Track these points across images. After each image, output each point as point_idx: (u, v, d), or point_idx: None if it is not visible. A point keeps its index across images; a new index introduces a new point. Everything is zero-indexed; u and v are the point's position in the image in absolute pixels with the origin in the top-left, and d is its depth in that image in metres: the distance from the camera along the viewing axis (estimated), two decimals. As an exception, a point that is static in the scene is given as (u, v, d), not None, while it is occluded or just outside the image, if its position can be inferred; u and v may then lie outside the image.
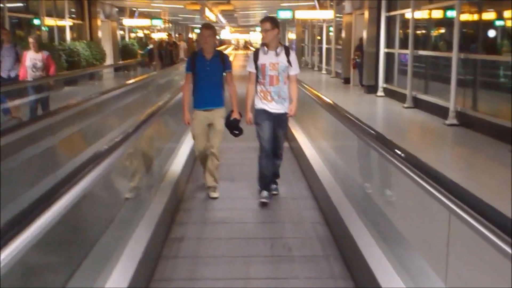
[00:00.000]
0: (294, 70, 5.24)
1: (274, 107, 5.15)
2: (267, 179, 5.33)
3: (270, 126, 5.18)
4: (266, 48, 5.13)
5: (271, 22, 5.10)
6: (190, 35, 47.91)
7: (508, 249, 1.79)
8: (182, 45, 19.17)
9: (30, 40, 9.73)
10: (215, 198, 5.45)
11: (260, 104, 5.21)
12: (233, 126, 5.44)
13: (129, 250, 3.40)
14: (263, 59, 5.13)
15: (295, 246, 4.15)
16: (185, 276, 3.66)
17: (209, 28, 5.37)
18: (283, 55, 5.13)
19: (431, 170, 2.62)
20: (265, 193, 5.28)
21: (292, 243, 4.22)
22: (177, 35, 25.41)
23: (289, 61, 5.14)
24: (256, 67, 5.16)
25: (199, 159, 5.73)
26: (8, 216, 1.96)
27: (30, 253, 2.01)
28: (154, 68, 16.89)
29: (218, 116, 5.40)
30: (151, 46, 18.69)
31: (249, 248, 4.14)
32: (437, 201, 2.40)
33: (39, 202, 2.15)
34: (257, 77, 5.19)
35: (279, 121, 5.24)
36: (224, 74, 5.48)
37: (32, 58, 9.60)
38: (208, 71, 5.30)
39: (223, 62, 5.40)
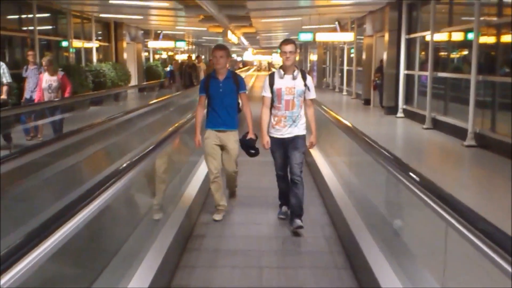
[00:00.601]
0: (312, 94, 5.14)
1: (287, 132, 5.04)
2: (285, 194, 5.37)
3: (282, 153, 5.13)
4: (282, 72, 5.03)
5: (294, 44, 5.02)
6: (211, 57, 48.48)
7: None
8: (202, 67, 19.22)
9: (43, 63, 9.75)
10: (234, 197, 5.93)
11: (272, 132, 5.11)
12: (249, 146, 5.45)
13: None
14: (279, 83, 5.02)
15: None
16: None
17: (221, 49, 5.28)
18: (299, 79, 5.02)
19: (445, 195, 2.60)
20: (283, 208, 5.45)
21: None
22: (197, 56, 25.47)
23: (306, 85, 5.03)
24: (272, 92, 5.04)
25: (213, 181, 5.41)
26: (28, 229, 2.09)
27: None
28: (176, 89, 16.98)
29: (231, 140, 5.36)
30: (171, 67, 18.90)
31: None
32: (451, 227, 2.41)
33: (55, 218, 2.24)
34: (272, 101, 5.08)
35: (294, 143, 5.04)
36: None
37: (47, 79, 9.59)
38: (221, 93, 5.28)
39: (236, 83, 5.36)
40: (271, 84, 5.05)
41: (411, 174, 3.12)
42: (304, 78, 5.05)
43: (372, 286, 3.42)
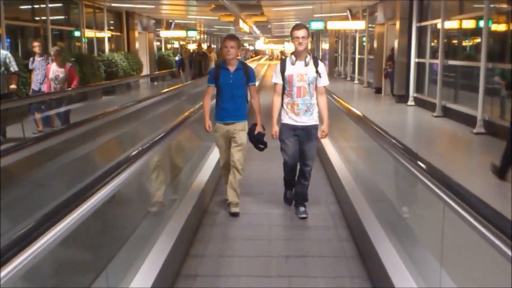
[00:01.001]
0: (324, 82, 4.99)
1: (301, 120, 4.94)
2: (290, 182, 5.35)
3: (295, 142, 5.01)
4: (294, 58, 4.91)
5: (307, 29, 4.88)
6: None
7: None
8: (213, 56, 19.05)
9: (51, 52, 9.59)
10: (236, 214, 5.23)
11: (286, 119, 5.00)
12: (257, 140, 5.34)
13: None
14: (290, 69, 4.91)
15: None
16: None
17: (232, 39, 5.16)
18: (311, 66, 4.90)
19: (453, 183, 2.62)
20: (289, 193, 5.44)
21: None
22: (208, 46, 24.98)
23: (317, 72, 4.90)
24: (283, 78, 4.93)
25: (223, 169, 5.54)
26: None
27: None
28: (185, 78, 16.81)
29: (238, 129, 5.22)
30: (180, 56, 18.92)
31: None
32: (458, 216, 2.43)
33: (66, 203, 2.27)
34: (283, 88, 4.98)
35: (308, 134, 4.98)
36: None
37: (55, 70, 9.46)
38: (231, 84, 5.15)
39: (247, 74, 5.22)
40: (283, 70, 4.95)
41: (419, 163, 3.13)
42: (316, 65, 4.92)
43: (371, 254, 3.80)
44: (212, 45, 28.69)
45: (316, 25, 20.95)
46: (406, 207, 4.07)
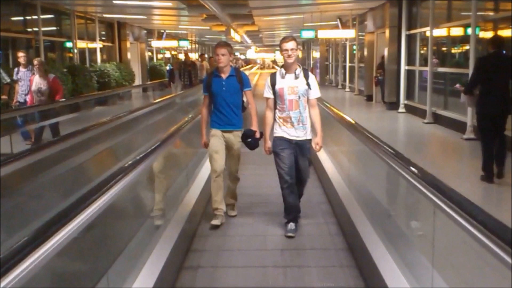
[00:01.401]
0: (315, 94, 4.91)
1: (294, 134, 4.85)
2: (294, 209, 5.01)
3: (290, 154, 4.86)
4: (284, 71, 4.83)
5: (295, 41, 4.80)
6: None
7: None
8: (205, 65, 18.66)
9: (34, 62, 9.18)
10: (233, 216, 5.44)
11: (279, 132, 4.90)
12: (248, 136, 5.24)
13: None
14: (280, 83, 4.83)
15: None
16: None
17: (222, 46, 5.10)
18: (302, 78, 4.82)
19: (445, 187, 2.68)
20: (290, 225, 4.96)
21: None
22: (200, 55, 24.35)
23: (308, 84, 4.82)
24: (274, 92, 4.86)
25: (214, 182, 5.17)
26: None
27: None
28: (175, 89, 16.52)
29: (236, 141, 5.22)
30: (170, 66, 18.66)
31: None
32: (452, 221, 2.47)
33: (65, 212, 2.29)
34: (275, 102, 4.91)
35: (301, 149, 4.90)
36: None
37: (37, 82, 9.07)
38: (224, 91, 5.11)
39: (240, 81, 5.18)
40: (273, 84, 4.86)
41: (411, 168, 3.20)
42: (307, 77, 4.84)
43: (359, 246, 4.13)
44: (205, 55, 28.63)
45: (306, 34, 21.13)
46: (416, 222, 3.98)
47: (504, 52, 6.97)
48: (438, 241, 2.94)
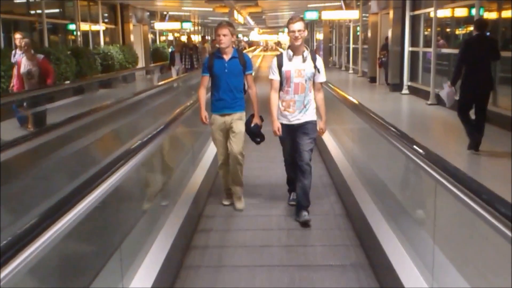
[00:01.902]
0: (321, 77, 4.80)
1: (296, 117, 4.74)
2: (294, 180, 5.08)
3: (291, 139, 4.84)
4: (291, 53, 4.69)
5: (303, 22, 4.65)
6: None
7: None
8: (207, 47, 18.22)
9: (22, 44, 8.57)
10: (240, 210, 5.15)
11: (281, 118, 4.82)
12: (254, 133, 5.11)
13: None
14: (287, 65, 4.69)
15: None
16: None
17: (223, 26, 4.91)
18: (309, 61, 4.70)
19: (450, 167, 2.72)
20: (293, 195, 5.20)
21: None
22: (201, 37, 23.49)
23: (315, 67, 4.71)
24: (280, 74, 4.72)
25: (222, 168, 5.30)
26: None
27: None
28: (176, 73, 16.09)
29: (236, 119, 5.03)
30: (173, 48, 17.95)
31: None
32: (457, 200, 2.50)
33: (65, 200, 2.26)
34: (280, 84, 4.78)
35: (304, 129, 4.75)
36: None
37: (26, 65, 8.49)
38: (226, 73, 4.94)
39: (243, 63, 5.01)
40: (280, 66, 4.72)
41: (415, 147, 3.26)
42: (314, 60, 4.72)
43: (364, 226, 4.24)
44: (207, 37, 28.48)
45: (310, 15, 21.05)
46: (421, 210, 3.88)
47: (488, 34, 7.55)
48: (441, 219, 3.02)
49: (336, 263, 3.97)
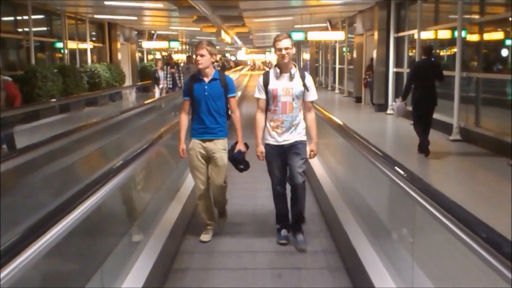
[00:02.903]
0: (312, 96, 4.55)
1: (285, 138, 4.49)
2: (284, 216, 4.77)
3: (281, 163, 4.57)
4: (278, 70, 4.45)
5: (290, 39, 4.43)
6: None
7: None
8: (192, 68, 17.55)
9: None
10: (223, 223, 5.01)
11: (269, 139, 4.55)
12: (237, 160, 4.78)
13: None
14: (274, 83, 4.46)
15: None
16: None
17: (201, 46, 4.61)
18: (297, 78, 4.47)
19: (431, 189, 2.75)
20: (283, 232, 4.72)
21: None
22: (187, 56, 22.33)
23: (304, 85, 4.48)
24: (267, 92, 4.48)
25: (201, 199, 4.86)
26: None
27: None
28: (160, 92, 15.52)
29: (218, 149, 4.68)
30: (154, 67, 17.03)
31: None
32: (436, 220, 2.50)
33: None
34: (267, 104, 4.53)
35: (294, 149, 4.49)
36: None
37: None
38: (206, 96, 4.62)
39: (224, 85, 4.70)
40: (266, 84, 4.49)
41: (397, 168, 3.29)
42: (303, 77, 4.49)
43: (344, 242, 4.29)
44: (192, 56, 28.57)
45: (296, 36, 21.25)
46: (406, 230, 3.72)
47: (433, 59, 9.01)
48: (421, 240, 3.06)
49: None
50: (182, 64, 16.25)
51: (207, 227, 4.92)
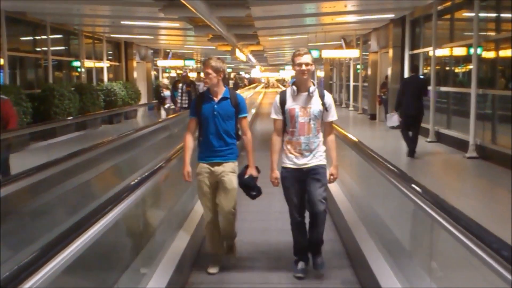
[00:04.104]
0: (331, 116, 4.24)
1: (305, 162, 4.17)
2: (303, 248, 4.41)
3: (299, 189, 4.22)
4: (295, 89, 4.16)
5: (310, 55, 4.16)
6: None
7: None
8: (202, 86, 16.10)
9: None
10: (234, 260, 4.57)
11: (286, 162, 4.22)
12: (249, 186, 4.38)
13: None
14: (291, 102, 4.16)
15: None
16: None
17: (207, 64, 4.31)
18: (316, 98, 4.17)
19: (447, 206, 2.75)
20: (301, 264, 4.35)
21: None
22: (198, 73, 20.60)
23: (323, 104, 4.18)
24: (283, 113, 4.19)
25: (208, 227, 4.53)
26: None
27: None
28: (166, 112, 14.57)
29: (227, 171, 4.33)
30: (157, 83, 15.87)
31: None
32: (455, 239, 2.50)
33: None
34: (284, 125, 4.22)
35: (314, 174, 4.17)
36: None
37: None
38: (215, 116, 4.29)
39: (235, 105, 4.36)
40: (283, 103, 4.19)
41: (414, 186, 3.28)
42: (322, 96, 4.20)
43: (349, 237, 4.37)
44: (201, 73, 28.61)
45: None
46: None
47: (421, 76, 11.14)
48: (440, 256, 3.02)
49: None
50: (198, 84, 15.45)
51: (214, 258, 4.56)
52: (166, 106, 15.03)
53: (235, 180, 4.36)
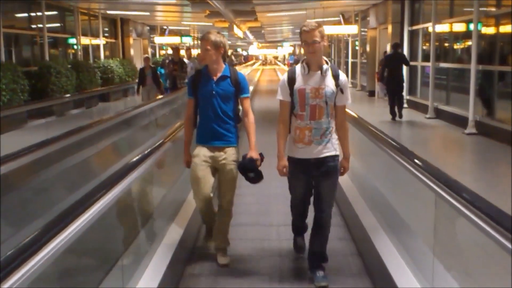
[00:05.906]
0: (345, 99, 3.64)
1: (314, 151, 3.59)
2: (300, 226, 4.07)
3: (305, 182, 3.71)
4: (306, 67, 3.55)
5: (320, 31, 3.48)
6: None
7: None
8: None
9: None
10: (225, 266, 3.95)
11: (292, 150, 3.66)
12: (247, 168, 3.88)
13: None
14: (302, 82, 3.55)
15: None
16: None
17: (205, 39, 3.85)
18: (329, 77, 3.55)
19: (447, 178, 2.79)
20: (298, 240, 4.08)
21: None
22: (186, 49, 17.76)
23: (338, 85, 3.57)
24: (292, 94, 3.58)
25: (201, 214, 4.16)
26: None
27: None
28: (146, 96, 12.95)
29: (228, 160, 3.92)
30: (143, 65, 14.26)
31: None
32: (456, 211, 2.53)
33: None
34: (292, 107, 3.62)
35: (325, 168, 3.61)
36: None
37: None
38: (214, 96, 3.87)
39: (235, 83, 3.93)
40: (291, 83, 3.58)
41: (416, 160, 3.28)
42: (336, 76, 3.57)
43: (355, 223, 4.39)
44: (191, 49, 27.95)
45: (309, 30, 21.19)
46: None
47: (400, 51, 12.78)
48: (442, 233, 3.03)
49: None
50: (187, 61, 13.42)
51: (219, 248, 4.13)
52: (147, 88, 13.14)
53: (236, 170, 3.96)
